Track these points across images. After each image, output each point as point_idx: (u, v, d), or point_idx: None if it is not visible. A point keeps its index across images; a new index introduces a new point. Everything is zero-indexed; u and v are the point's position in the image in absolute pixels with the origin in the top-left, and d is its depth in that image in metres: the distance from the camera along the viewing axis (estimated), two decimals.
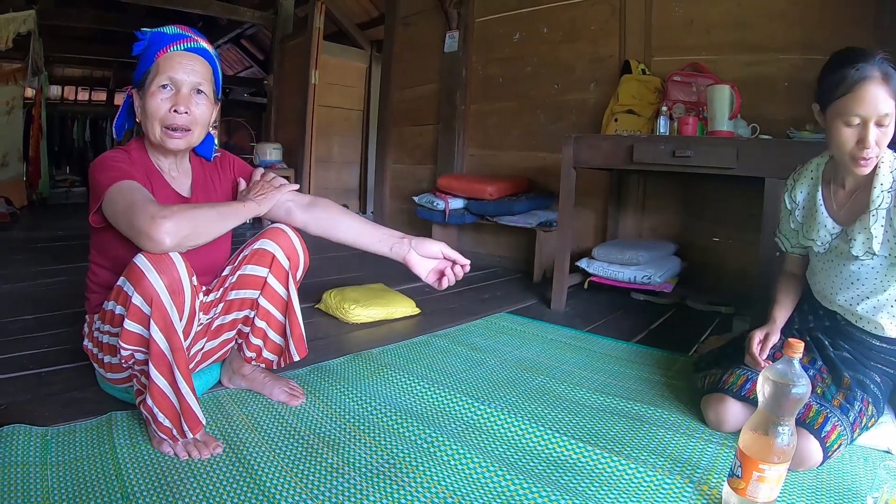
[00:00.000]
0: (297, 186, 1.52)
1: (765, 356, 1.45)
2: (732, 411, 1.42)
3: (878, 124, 1.28)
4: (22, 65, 6.23)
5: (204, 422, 1.25)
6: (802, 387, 1.04)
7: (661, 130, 2.62)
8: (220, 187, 1.53)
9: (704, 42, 2.96)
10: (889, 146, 1.35)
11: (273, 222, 1.52)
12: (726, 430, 1.43)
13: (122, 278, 1.18)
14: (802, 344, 1.07)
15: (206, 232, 1.21)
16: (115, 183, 1.20)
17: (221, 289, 1.46)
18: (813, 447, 1.23)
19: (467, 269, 1.44)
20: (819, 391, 1.34)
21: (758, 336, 1.47)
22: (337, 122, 7.06)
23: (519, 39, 3.87)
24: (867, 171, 1.35)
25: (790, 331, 1.53)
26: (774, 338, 1.47)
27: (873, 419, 1.35)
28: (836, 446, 1.24)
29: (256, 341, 1.52)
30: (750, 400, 1.36)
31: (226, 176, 1.56)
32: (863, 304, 1.41)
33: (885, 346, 1.41)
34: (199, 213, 1.21)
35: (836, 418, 1.26)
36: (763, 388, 1.07)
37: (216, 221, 1.24)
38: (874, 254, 1.37)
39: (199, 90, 1.34)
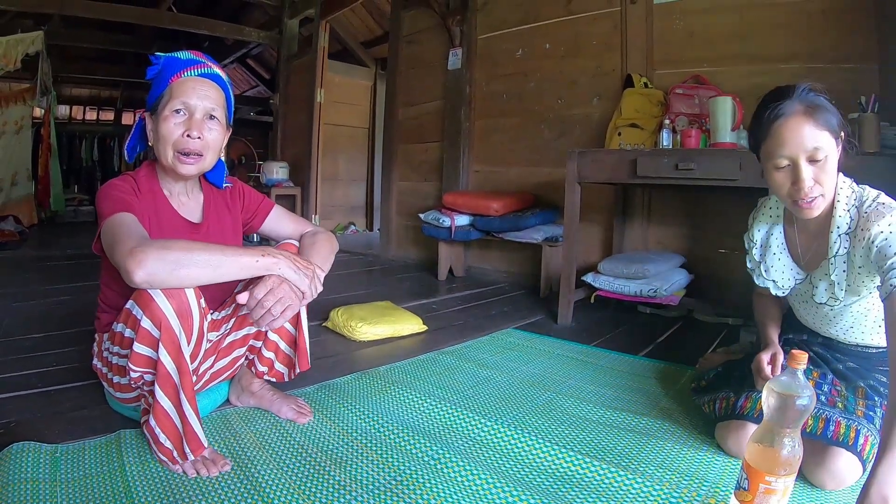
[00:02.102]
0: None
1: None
2: None
3: (811, 160, 1.22)
4: (31, 85, 6.34)
5: (206, 444, 1.25)
6: (807, 398, 1.03)
7: (665, 143, 2.63)
8: (231, 216, 1.55)
9: (706, 54, 2.98)
10: (848, 175, 1.31)
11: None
12: None
13: (130, 301, 1.19)
14: (806, 355, 1.05)
15: (188, 277, 1.13)
16: (113, 215, 1.21)
17: (233, 305, 1.47)
18: (853, 464, 1.19)
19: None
20: (840, 406, 1.30)
21: (765, 358, 1.40)
22: (342, 139, 7.13)
23: (522, 55, 3.91)
24: (814, 213, 1.27)
25: (788, 346, 1.50)
26: (780, 356, 1.41)
27: None
28: (871, 456, 1.19)
29: (269, 354, 1.52)
30: None
31: (237, 204, 1.57)
32: (850, 333, 1.40)
33: (883, 351, 1.39)
34: (185, 256, 1.12)
35: (865, 429, 1.22)
36: (768, 401, 1.05)
37: (205, 268, 1.14)
38: (838, 299, 1.33)
39: (211, 115, 1.36)
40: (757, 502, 1.05)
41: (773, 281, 1.50)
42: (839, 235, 1.29)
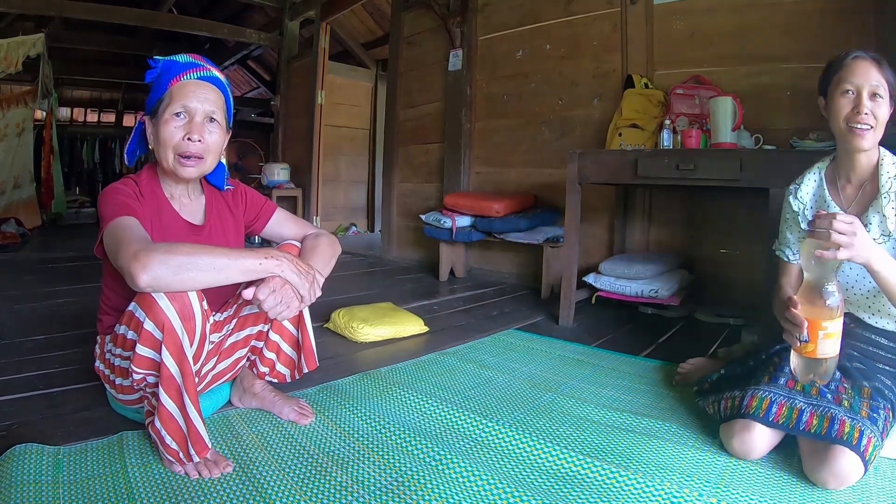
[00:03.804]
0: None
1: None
2: (760, 438, 1.33)
3: (872, 94, 1.39)
4: (32, 87, 6.35)
5: (210, 446, 1.26)
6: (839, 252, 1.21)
7: (665, 144, 2.64)
8: (234, 218, 1.55)
9: (706, 54, 2.98)
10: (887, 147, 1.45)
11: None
12: (754, 457, 1.35)
13: (133, 303, 1.20)
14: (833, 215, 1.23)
15: (192, 280, 1.13)
16: (115, 219, 1.22)
17: (235, 306, 1.47)
18: (855, 464, 1.19)
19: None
20: (847, 404, 1.30)
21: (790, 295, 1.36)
22: (343, 141, 7.13)
23: (522, 56, 3.91)
24: (864, 143, 1.41)
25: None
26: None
27: (893, 426, 1.34)
28: (872, 458, 1.21)
29: (270, 355, 1.53)
30: (778, 425, 1.30)
31: (239, 207, 1.58)
32: (880, 299, 1.44)
33: (891, 344, 1.43)
34: (189, 260, 1.12)
35: (869, 430, 1.23)
36: (806, 256, 1.25)
37: (209, 271, 1.14)
38: (889, 235, 1.41)
39: (211, 118, 1.36)
40: (819, 348, 1.23)
41: None
42: (889, 178, 1.43)
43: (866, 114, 1.38)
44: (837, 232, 1.22)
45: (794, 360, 1.29)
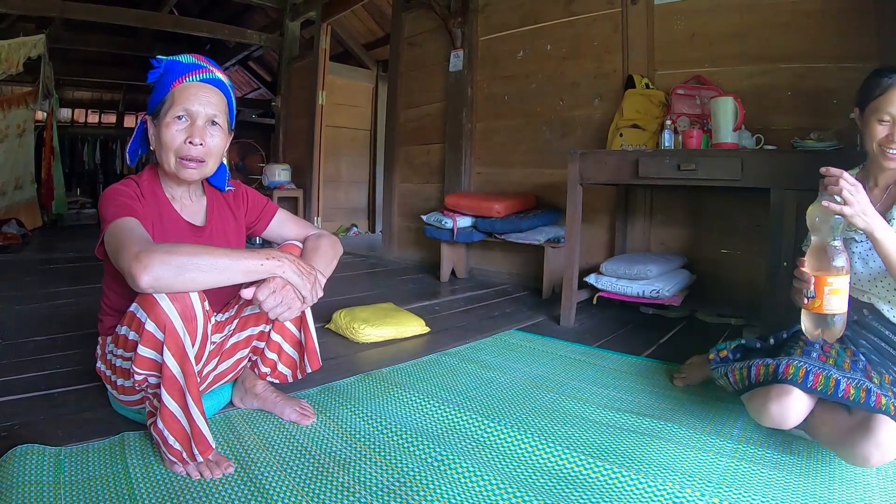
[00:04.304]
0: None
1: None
2: (798, 404, 1.28)
3: None
4: (33, 88, 6.36)
5: (214, 445, 1.26)
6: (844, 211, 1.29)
7: (666, 144, 2.63)
8: (235, 219, 1.55)
9: (707, 54, 2.98)
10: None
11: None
12: (790, 425, 1.30)
13: (134, 304, 1.20)
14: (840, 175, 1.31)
15: (193, 281, 1.13)
16: (116, 220, 1.22)
17: (237, 306, 1.47)
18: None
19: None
20: (877, 381, 1.29)
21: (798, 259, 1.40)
22: (344, 141, 7.13)
23: (523, 57, 3.91)
24: (893, 164, 1.48)
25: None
26: None
27: None
28: None
29: (272, 355, 1.53)
30: (817, 391, 1.26)
31: (241, 208, 1.57)
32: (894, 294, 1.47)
33: None
34: (190, 260, 1.12)
35: None
36: (813, 218, 1.33)
37: (210, 272, 1.15)
38: None
39: (213, 121, 1.36)
40: (826, 304, 1.28)
41: (856, 230, 1.46)
42: None
43: None
44: (846, 183, 1.31)
45: (803, 318, 1.35)
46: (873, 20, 2.46)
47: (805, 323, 1.36)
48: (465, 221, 3.77)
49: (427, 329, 2.56)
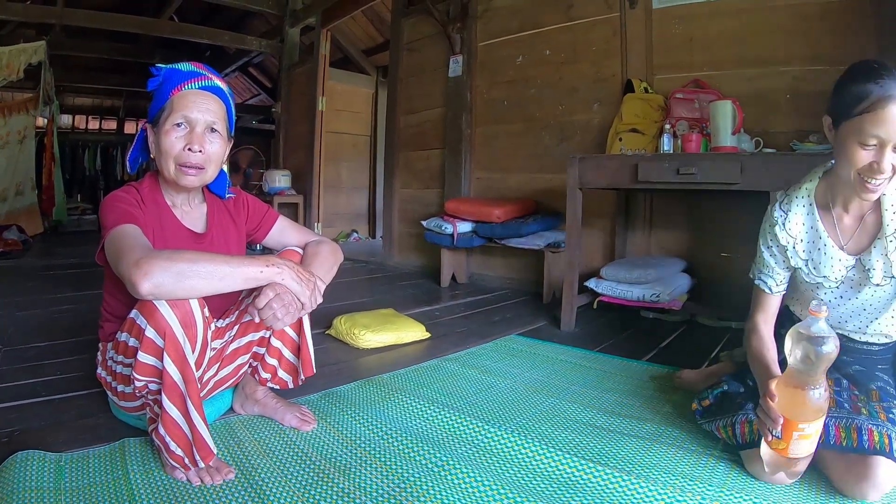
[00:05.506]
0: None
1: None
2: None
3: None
4: (33, 95, 6.38)
5: (215, 451, 1.25)
6: (830, 344, 1.04)
7: (666, 148, 2.64)
8: (236, 226, 1.55)
9: (705, 58, 2.99)
10: None
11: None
12: (792, 481, 1.25)
13: (134, 311, 1.20)
14: (826, 309, 1.07)
15: (193, 288, 1.14)
16: (117, 226, 1.22)
17: (237, 312, 1.47)
18: (893, 471, 1.15)
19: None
20: (865, 412, 1.25)
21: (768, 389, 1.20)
22: (345, 147, 7.14)
23: (522, 62, 3.92)
24: (873, 197, 1.24)
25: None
26: None
27: None
28: None
29: (272, 361, 1.53)
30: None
31: (241, 215, 1.58)
32: (872, 326, 1.38)
33: (885, 347, 1.39)
34: (190, 267, 1.12)
35: (895, 433, 1.18)
36: (794, 350, 1.08)
37: (210, 279, 1.15)
38: (893, 277, 1.30)
39: (213, 129, 1.36)
40: (792, 448, 1.10)
41: (825, 276, 1.37)
42: (893, 214, 1.27)
43: (889, 174, 1.18)
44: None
45: (763, 450, 1.18)
46: (871, 23, 2.47)
47: (764, 457, 1.19)
48: (465, 227, 3.77)
49: (427, 334, 2.56)
